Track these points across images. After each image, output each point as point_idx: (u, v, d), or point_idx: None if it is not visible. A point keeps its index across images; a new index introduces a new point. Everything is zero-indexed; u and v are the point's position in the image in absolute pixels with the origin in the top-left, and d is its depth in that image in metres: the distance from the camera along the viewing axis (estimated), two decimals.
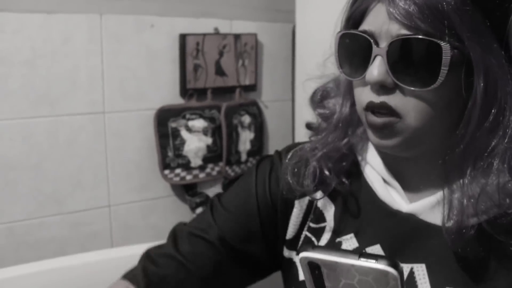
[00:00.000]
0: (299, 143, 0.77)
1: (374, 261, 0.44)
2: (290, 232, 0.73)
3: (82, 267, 1.09)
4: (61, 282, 1.07)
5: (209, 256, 0.73)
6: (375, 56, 0.57)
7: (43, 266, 1.11)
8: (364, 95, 0.60)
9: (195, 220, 0.77)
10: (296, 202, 0.72)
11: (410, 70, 0.55)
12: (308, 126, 0.75)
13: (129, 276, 0.74)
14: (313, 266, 0.47)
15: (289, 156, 0.73)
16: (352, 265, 0.45)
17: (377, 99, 0.58)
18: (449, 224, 0.58)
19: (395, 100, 0.57)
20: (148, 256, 0.75)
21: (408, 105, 0.57)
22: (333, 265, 0.46)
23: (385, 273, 0.44)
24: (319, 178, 0.68)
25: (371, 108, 0.59)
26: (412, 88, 0.56)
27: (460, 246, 0.58)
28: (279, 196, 0.73)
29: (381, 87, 0.57)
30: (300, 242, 0.72)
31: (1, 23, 1.30)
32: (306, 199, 0.72)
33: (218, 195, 0.78)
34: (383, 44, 0.56)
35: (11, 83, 1.33)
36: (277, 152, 0.78)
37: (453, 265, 0.61)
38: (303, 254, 0.47)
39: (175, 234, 0.76)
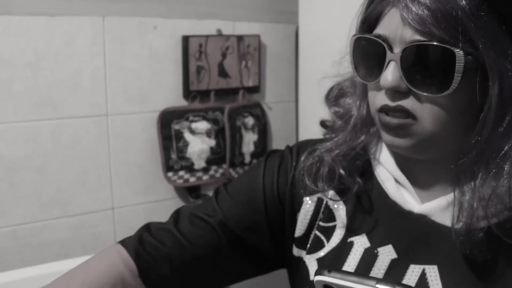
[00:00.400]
0: (310, 140, 0.77)
1: None
2: (299, 230, 0.72)
3: None
4: None
5: (207, 239, 0.72)
6: (389, 61, 0.57)
7: (46, 269, 1.11)
8: (379, 99, 0.60)
9: (200, 204, 0.77)
10: (306, 199, 0.72)
11: (424, 75, 0.55)
12: (323, 123, 0.76)
13: (124, 241, 0.73)
14: None
15: (303, 158, 0.72)
16: None
17: (393, 102, 0.58)
18: (458, 225, 0.58)
19: (411, 103, 0.57)
20: (147, 227, 0.75)
21: (423, 109, 0.57)
22: None
23: None
24: (334, 177, 0.68)
25: (386, 110, 0.59)
26: (426, 94, 0.56)
27: (468, 248, 0.58)
28: (287, 191, 0.73)
29: (396, 92, 0.57)
30: (310, 241, 0.72)
31: (4, 26, 1.30)
32: (316, 196, 0.72)
33: (225, 183, 0.78)
34: (397, 50, 0.56)
35: (14, 86, 1.33)
36: (288, 147, 0.78)
37: (464, 267, 0.61)
38: (319, 277, 0.47)
39: (178, 213, 0.76)
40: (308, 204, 0.72)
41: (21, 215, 1.38)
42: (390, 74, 0.56)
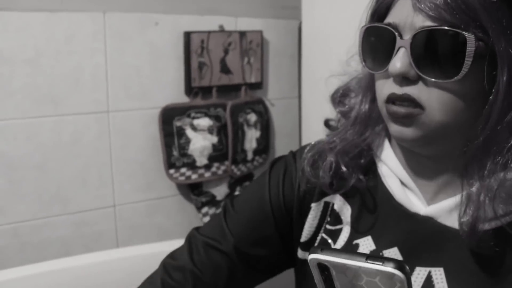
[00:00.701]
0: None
1: (380, 263, 0.44)
2: (305, 235, 0.73)
3: (87, 268, 1.08)
4: (66, 282, 1.06)
5: (223, 267, 0.74)
6: (398, 48, 0.57)
7: (47, 267, 1.11)
8: (387, 87, 0.59)
9: (209, 226, 0.78)
10: (313, 205, 0.72)
11: (434, 61, 0.55)
12: (326, 123, 0.76)
13: None
14: (323, 268, 0.48)
15: (306, 150, 0.73)
16: (360, 267, 0.45)
17: (400, 90, 0.57)
18: (465, 218, 0.58)
19: (418, 91, 0.57)
20: (165, 270, 0.75)
21: (431, 97, 0.56)
22: (341, 267, 0.46)
23: (391, 276, 0.44)
24: (336, 172, 0.68)
25: (393, 99, 0.58)
26: (435, 80, 0.55)
27: (475, 242, 0.58)
28: (295, 199, 0.73)
29: (404, 79, 0.57)
30: (316, 243, 0.72)
31: (4, 22, 1.29)
32: (322, 201, 0.72)
33: (231, 199, 0.78)
34: (407, 36, 0.56)
35: (14, 82, 1.32)
36: (291, 152, 0.78)
37: (470, 269, 0.60)
38: (313, 256, 0.48)
39: (190, 243, 0.76)
40: (315, 210, 0.72)
41: (22, 213, 1.38)
42: (399, 60, 0.56)
